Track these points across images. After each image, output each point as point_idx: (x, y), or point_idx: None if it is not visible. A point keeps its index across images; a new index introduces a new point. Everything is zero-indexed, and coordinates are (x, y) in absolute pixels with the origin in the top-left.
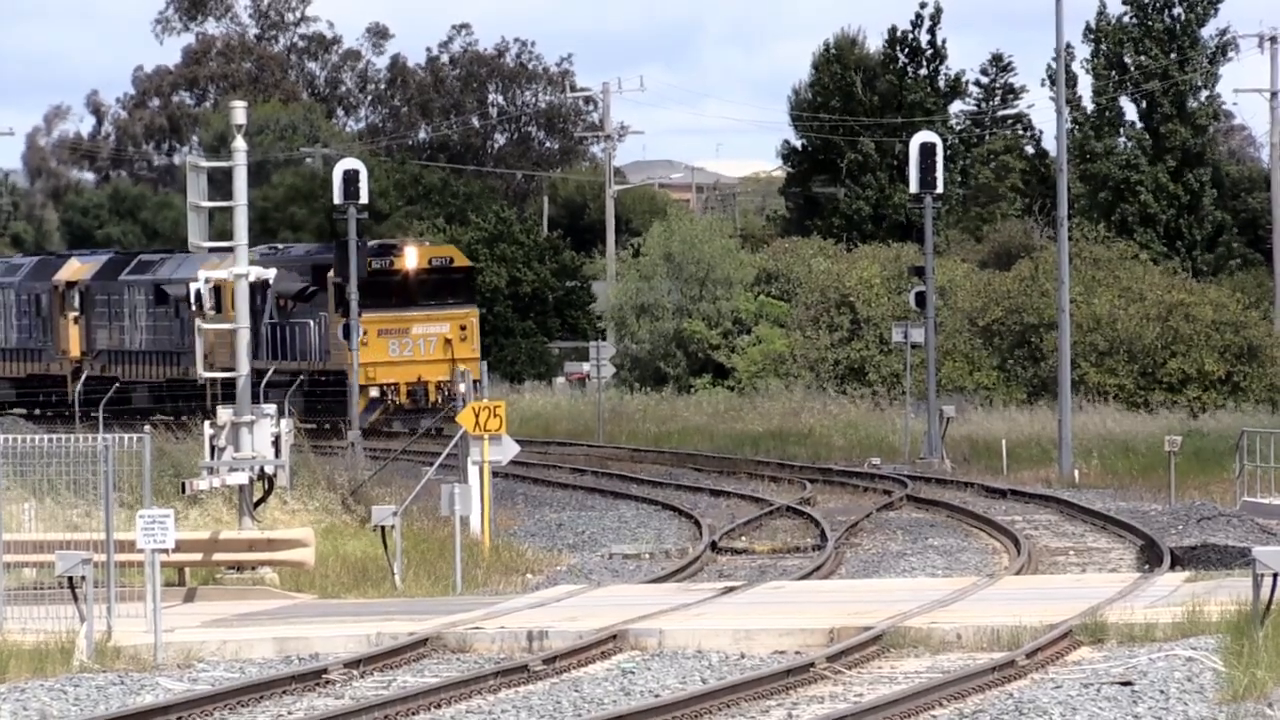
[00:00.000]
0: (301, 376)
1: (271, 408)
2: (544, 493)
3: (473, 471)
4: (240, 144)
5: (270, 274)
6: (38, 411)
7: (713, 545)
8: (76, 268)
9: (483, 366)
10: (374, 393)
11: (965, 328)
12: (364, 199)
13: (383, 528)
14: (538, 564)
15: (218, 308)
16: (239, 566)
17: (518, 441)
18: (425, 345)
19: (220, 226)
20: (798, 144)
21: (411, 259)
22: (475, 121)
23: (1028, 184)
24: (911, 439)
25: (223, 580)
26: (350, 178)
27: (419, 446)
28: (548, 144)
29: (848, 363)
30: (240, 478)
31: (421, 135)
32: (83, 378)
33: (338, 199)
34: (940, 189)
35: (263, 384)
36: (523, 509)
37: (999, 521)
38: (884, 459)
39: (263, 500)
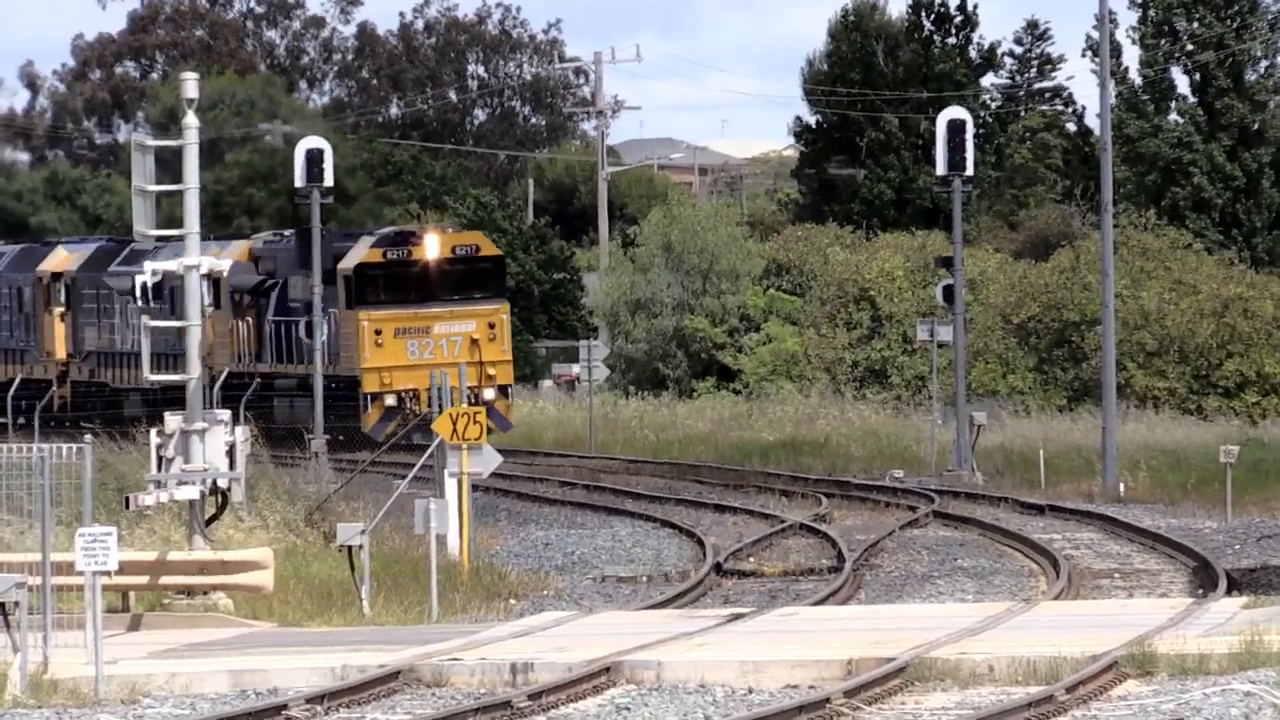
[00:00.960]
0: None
1: (226, 414)
2: (529, 509)
3: (450, 485)
4: (191, 120)
5: (225, 265)
6: (21, 421)
7: (717, 567)
8: (63, 258)
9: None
10: (390, 401)
11: (998, 325)
12: (329, 181)
13: (350, 547)
14: (522, 588)
15: (216, 303)
16: (189, 591)
17: (500, 451)
18: (449, 346)
19: (169, 212)
20: (812, 121)
21: (432, 247)
22: (453, 95)
23: (1068, 165)
24: (939, 449)
25: (171, 606)
26: (314, 158)
27: (389, 457)
28: (533, 120)
29: (867, 364)
30: (190, 492)
31: (393, 111)
32: (68, 383)
33: (299, 181)
34: (971, 170)
35: (249, 391)
36: (506, 527)
37: (1036, 540)
38: (908, 471)
39: (216, 517)
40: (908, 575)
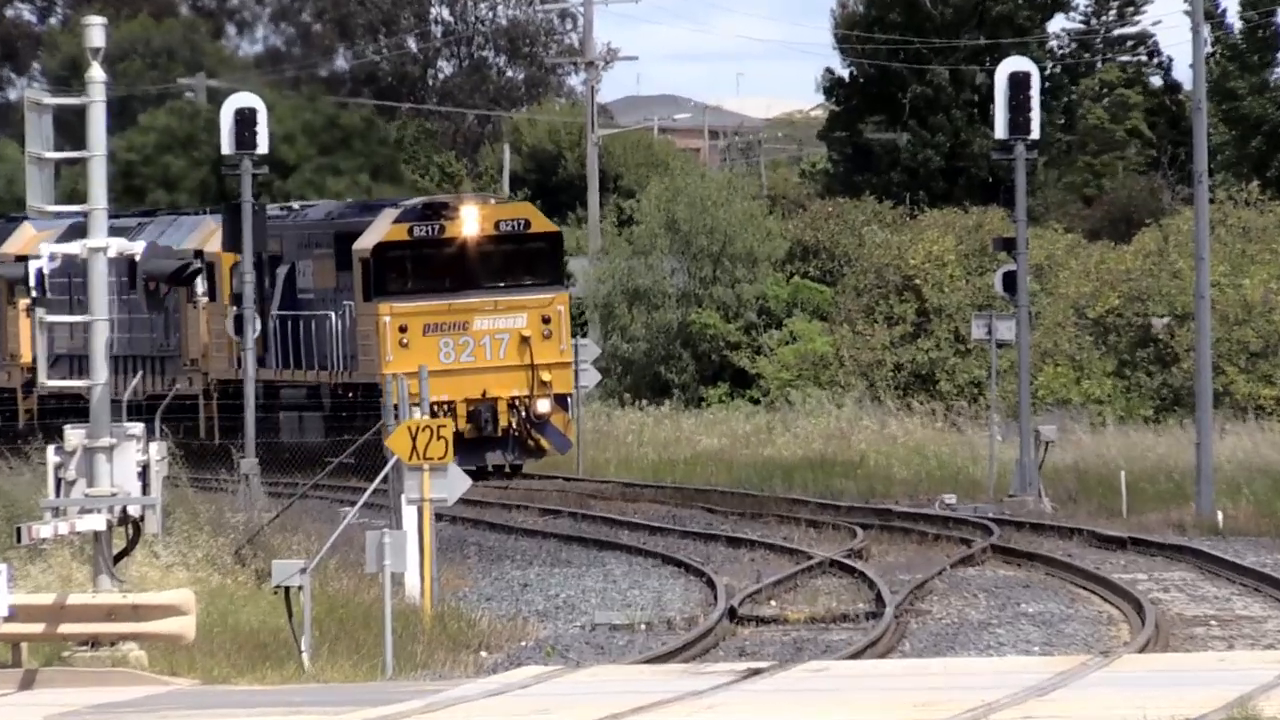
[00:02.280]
0: (321, 390)
1: (137, 427)
2: (504, 542)
3: (409, 513)
4: (97, 74)
5: (137, 248)
6: None
7: (731, 612)
8: (30, 236)
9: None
10: (418, 415)
11: (1070, 320)
12: (263, 147)
13: (287, 589)
14: (496, 637)
15: (211, 293)
16: (94, 641)
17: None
18: (493, 346)
19: (70, 184)
20: (844, 74)
21: (470, 222)
22: (412, 44)
23: (1153, 128)
24: (998, 470)
25: (73, 660)
26: (245, 119)
27: (336, 480)
28: (509, 74)
29: (912, 368)
30: (96, 522)
31: (340, 63)
32: (34, 393)
33: (227, 147)
34: (1036, 133)
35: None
36: (476, 564)
37: (1115, 581)
38: (961, 497)
39: (126, 552)
40: (961, 623)
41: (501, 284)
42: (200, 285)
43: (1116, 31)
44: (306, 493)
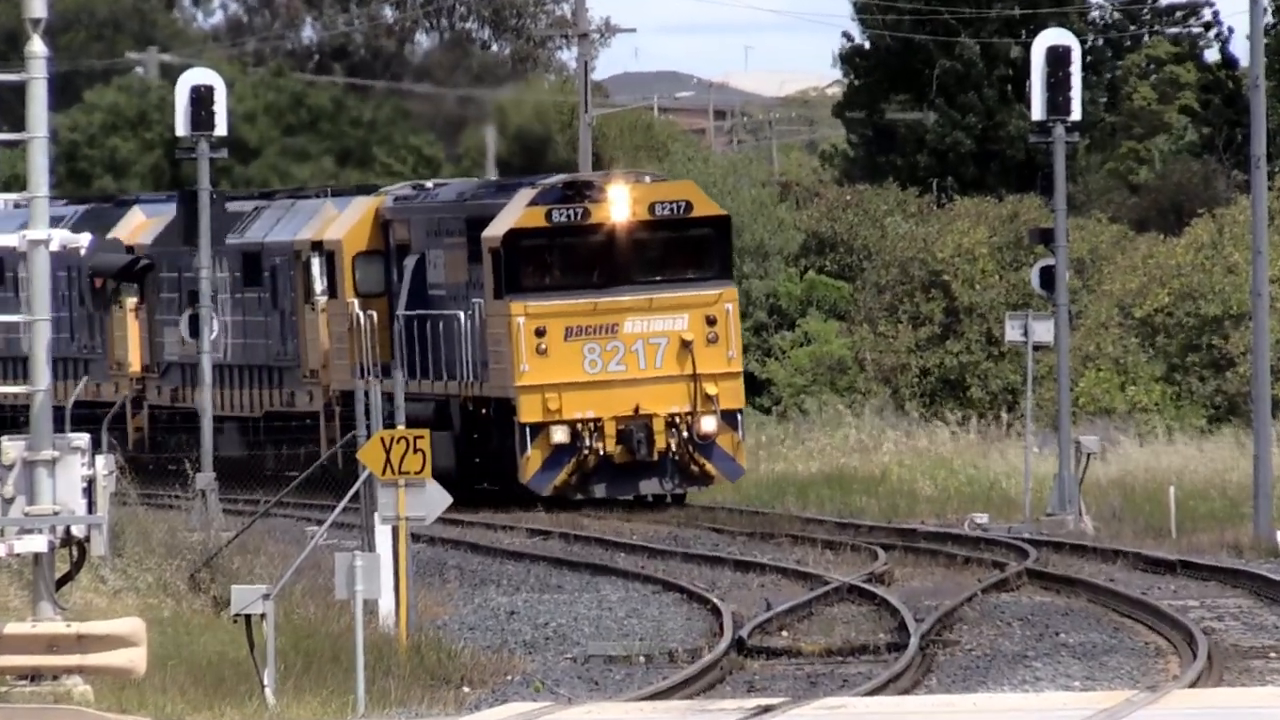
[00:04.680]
0: (451, 406)
1: (82, 438)
2: (488, 565)
3: (382, 534)
4: (38, 47)
5: (82, 240)
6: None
7: (739, 643)
8: (139, 223)
9: None
10: (559, 436)
11: (1115, 320)
12: (221, 128)
13: (248, 617)
14: (479, 671)
15: (331, 289)
16: (35, 675)
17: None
18: (647, 353)
19: (9, 168)
20: (865, 45)
21: (620, 204)
22: (387, 13)
23: (1207, 107)
24: (1035, 486)
25: (11, 695)
26: (201, 98)
27: (301, 497)
28: (494, 48)
29: (940, 372)
30: (36, 543)
31: (307, 34)
32: (145, 410)
33: (182, 129)
34: (1078, 114)
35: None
36: (457, 589)
37: (1164, 608)
38: (994, 516)
39: (70, 576)
40: (994, 654)
41: (658, 278)
42: (319, 279)
43: (1166, 2)
44: (270, 511)
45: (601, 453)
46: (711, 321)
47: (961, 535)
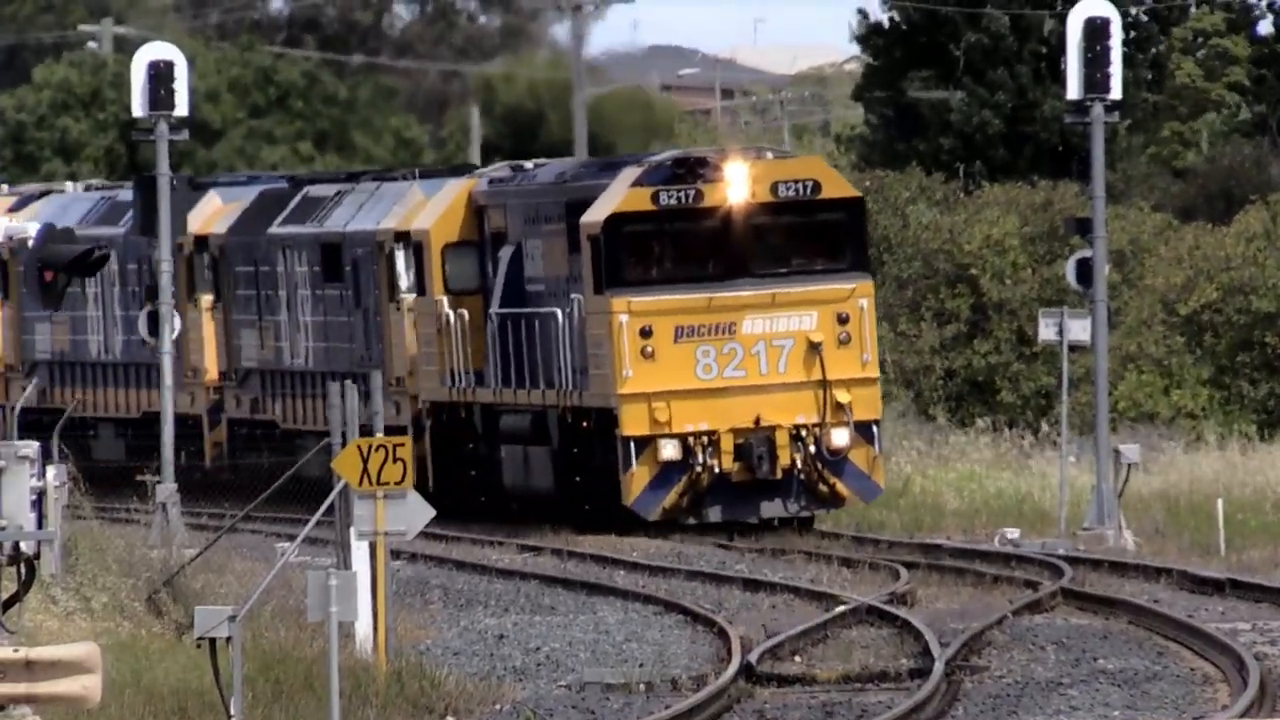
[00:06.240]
0: (549, 417)
1: (30, 446)
2: (475, 584)
3: (359, 550)
4: None
5: (30, 229)
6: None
7: (748, 670)
8: (215, 209)
9: None
10: (668, 451)
11: (1158, 318)
12: (182, 108)
13: (213, 641)
14: (466, 700)
15: (420, 286)
16: None
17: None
18: (770, 356)
19: None
20: (884, 19)
21: (738, 185)
22: None
23: (1260, 83)
24: (1071, 498)
25: None
26: (161, 74)
27: (272, 510)
28: (481, 21)
29: (967, 375)
30: None
31: (276, 4)
32: (223, 421)
33: (139, 109)
34: (1118, 93)
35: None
36: (441, 611)
37: (1211, 632)
38: (1026, 531)
39: (18, 598)
40: (1026, 682)
41: (782, 270)
42: (406, 274)
43: None
44: (236, 526)
45: (717, 470)
46: (844, 320)
47: (990, 552)
